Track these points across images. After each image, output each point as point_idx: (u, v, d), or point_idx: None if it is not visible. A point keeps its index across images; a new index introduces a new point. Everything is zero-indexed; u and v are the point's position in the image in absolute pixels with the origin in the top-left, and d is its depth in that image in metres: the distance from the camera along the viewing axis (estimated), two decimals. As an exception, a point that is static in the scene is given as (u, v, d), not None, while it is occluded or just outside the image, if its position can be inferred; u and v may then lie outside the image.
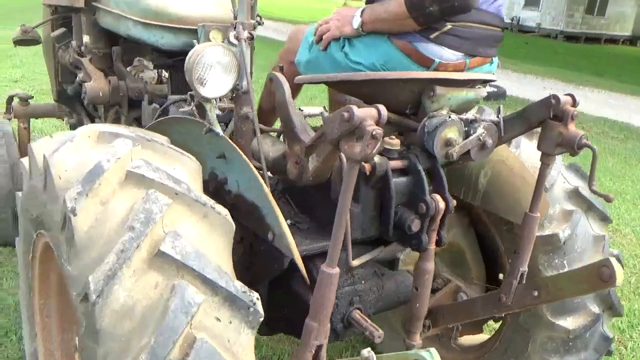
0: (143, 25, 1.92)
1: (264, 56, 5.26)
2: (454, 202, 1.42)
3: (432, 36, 1.41)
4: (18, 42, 2.67)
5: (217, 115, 1.84)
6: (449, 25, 1.40)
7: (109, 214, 1.12)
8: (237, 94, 1.42)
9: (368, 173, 1.33)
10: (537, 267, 1.72)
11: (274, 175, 1.58)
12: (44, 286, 1.63)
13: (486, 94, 1.54)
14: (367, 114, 1.06)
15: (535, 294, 1.55)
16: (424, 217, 1.38)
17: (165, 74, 2.41)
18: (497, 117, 1.50)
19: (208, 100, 1.39)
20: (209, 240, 1.17)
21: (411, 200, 1.39)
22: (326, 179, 1.39)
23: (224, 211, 1.21)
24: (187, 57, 1.34)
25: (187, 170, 1.28)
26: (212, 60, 1.34)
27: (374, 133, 1.04)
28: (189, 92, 1.44)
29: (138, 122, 2.29)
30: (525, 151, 1.81)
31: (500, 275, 2.04)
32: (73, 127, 2.79)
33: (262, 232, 1.34)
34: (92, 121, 2.58)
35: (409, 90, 1.43)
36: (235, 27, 1.39)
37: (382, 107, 1.09)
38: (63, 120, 3.06)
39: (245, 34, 1.36)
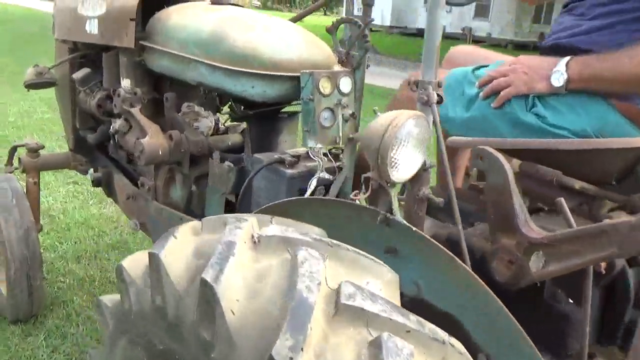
0: (226, 72, 1.58)
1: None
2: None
3: None
4: (31, 86, 2.25)
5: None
6: None
7: (331, 372, 0.79)
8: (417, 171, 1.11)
9: (604, 271, 1.04)
10: None
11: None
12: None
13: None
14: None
15: None
16: (660, 318, 1.11)
17: (220, 120, 2.07)
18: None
19: (394, 184, 1.07)
20: (452, 393, 0.85)
21: (643, 297, 1.12)
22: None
23: (462, 347, 0.90)
24: (377, 133, 1.02)
25: (383, 285, 0.96)
26: (406, 134, 1.02)
27: None
28: (363, 175, 1.11)
29: (198, 182, 1.94)
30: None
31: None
32: (98, 181, 2.37)
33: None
34: (130, 177, 2.19)
35: (622, 158, 1.16)
36: (417, 86, 1.07)
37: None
38: (76, 171, 2.64)
39: (434, 97, 1.05)
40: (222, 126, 2.04)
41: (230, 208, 1.85)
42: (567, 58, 1.24)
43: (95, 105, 2.17)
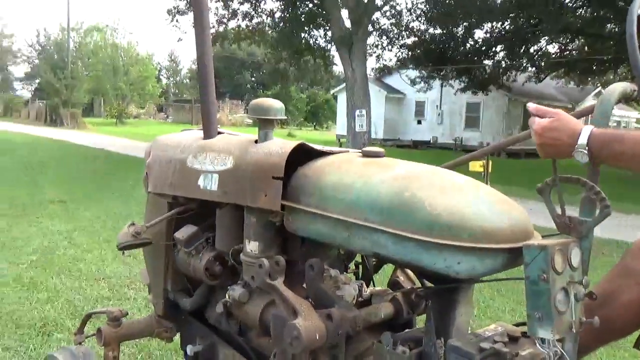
0: (423, 244, 1.29)
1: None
2: None
3: None
4: (127, 248, 1.94)
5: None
6: None
7: None
8: None
9: None
10: None
11: None
12: None
13: None
14: None
15: None
16: None
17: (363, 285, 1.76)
18: None
19: None
20: None
21: None
22: None
23: None
24: None
25: None
26: None
27: None
28: None
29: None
30: None
31: None
32: (195, 357, 2.01)
33: None
34: (248, 356, 1.83)
35: None
36: None
37: None
38: (163, 340, 2.28)
39: None
40: (366, 292, 1.73)
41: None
42: (587, 133, 1.29)
43: (203, 268, 1.87)
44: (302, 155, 1.65)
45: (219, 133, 1.98)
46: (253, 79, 62.70)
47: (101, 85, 43.28)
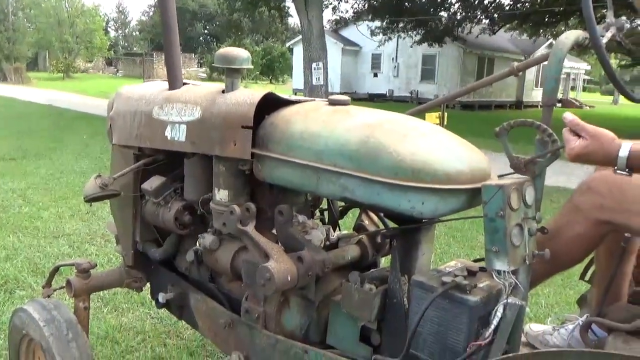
0: (389, 187, 1.36)
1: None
2: None
3: None
4: (94, 200, 1.95)
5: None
6: None
7: None
8: None
9: None
10: None
11: None
12: None
13: None
14: None
15: None
16: None
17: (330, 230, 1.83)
18: None
19: None
20: None
21: None
22: None
23: None
24: None
25: None
26: None
27: None
28: None
29: (319, 306, 1.68)
30: None
31: None
32: (167, 303, 2.06)
33: None
34: (219, 300, 1.90)
35: None
36: None
37: None
38: (134, 290, 2.32)
39: None
40: (333, 236, 1.81)
41: (363, 334, 1.60)
42: (625, 154, 1.28)
43: (173, 218, 1.90)
44: (270, 104, 1.68)
45: (184, 84, 1.98)
46: (206, 31, 60.92)
47: (45, 38, 41.26)
